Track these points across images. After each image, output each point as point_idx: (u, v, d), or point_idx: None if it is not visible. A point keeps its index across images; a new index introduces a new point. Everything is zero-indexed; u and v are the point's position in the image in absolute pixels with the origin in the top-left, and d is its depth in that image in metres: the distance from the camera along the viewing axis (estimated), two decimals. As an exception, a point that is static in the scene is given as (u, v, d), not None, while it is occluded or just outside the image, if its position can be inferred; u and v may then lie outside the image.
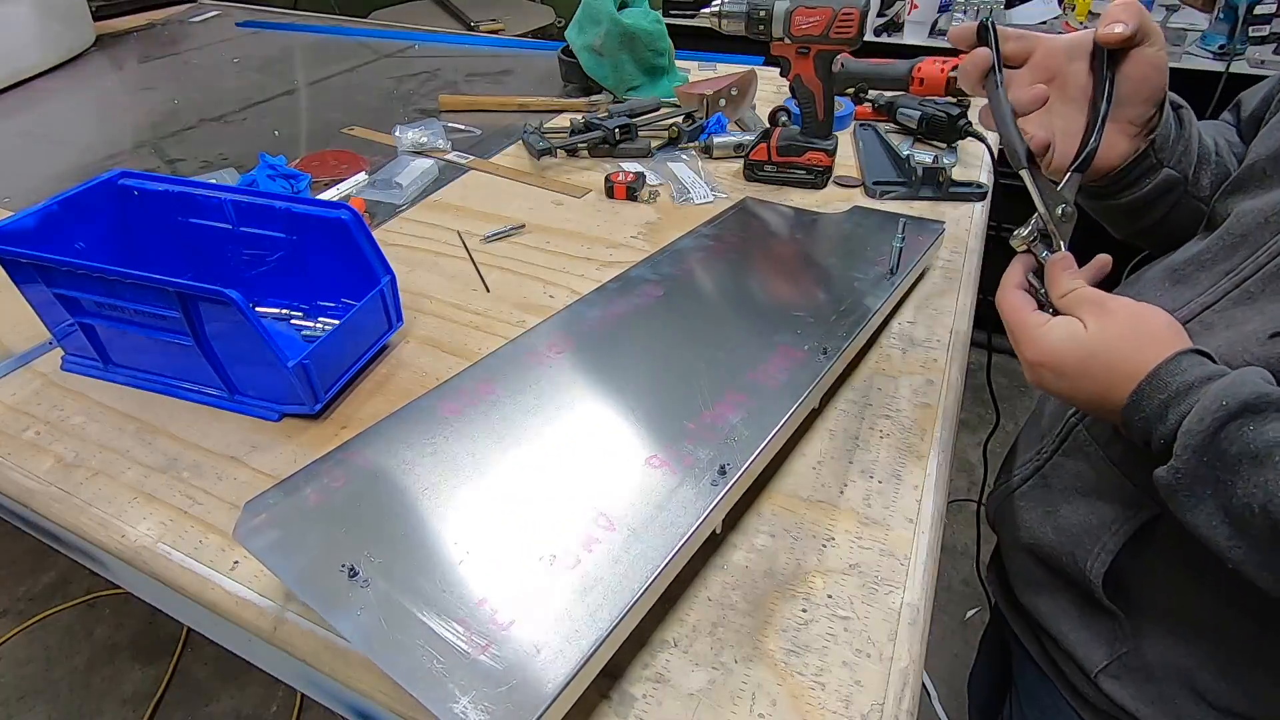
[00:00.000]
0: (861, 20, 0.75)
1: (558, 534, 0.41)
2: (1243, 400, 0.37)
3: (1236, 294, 0.45)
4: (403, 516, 0.42)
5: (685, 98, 1.03)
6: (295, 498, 0.43)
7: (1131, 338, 0.42)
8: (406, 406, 0.50)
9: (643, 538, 0.40)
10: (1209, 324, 0.46)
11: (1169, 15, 1.76)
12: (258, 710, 1.33)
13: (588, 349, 0.56)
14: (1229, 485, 0.37)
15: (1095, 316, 0.43)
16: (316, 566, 0.39)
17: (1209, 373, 0.40)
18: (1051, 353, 0.45)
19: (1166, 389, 0.40)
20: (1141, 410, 0.41)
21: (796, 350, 0.55)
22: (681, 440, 0.47)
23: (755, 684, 0.39)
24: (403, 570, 0.39)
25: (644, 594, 0.38)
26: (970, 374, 0.65)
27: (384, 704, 0.40)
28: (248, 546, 0.40)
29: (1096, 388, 0.43)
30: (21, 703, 1.33)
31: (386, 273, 0.60)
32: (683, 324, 0.59)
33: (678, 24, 1.96)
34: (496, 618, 0.36)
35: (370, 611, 0.36)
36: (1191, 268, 0.50)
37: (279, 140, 1.07)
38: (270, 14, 1.73)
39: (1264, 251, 0.45)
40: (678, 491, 0.43)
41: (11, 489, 0.52)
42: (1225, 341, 0.43)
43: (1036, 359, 0.45)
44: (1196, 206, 0.54)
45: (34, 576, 1.55)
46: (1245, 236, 0.46)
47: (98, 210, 0.63)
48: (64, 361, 0.62)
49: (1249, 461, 0.36)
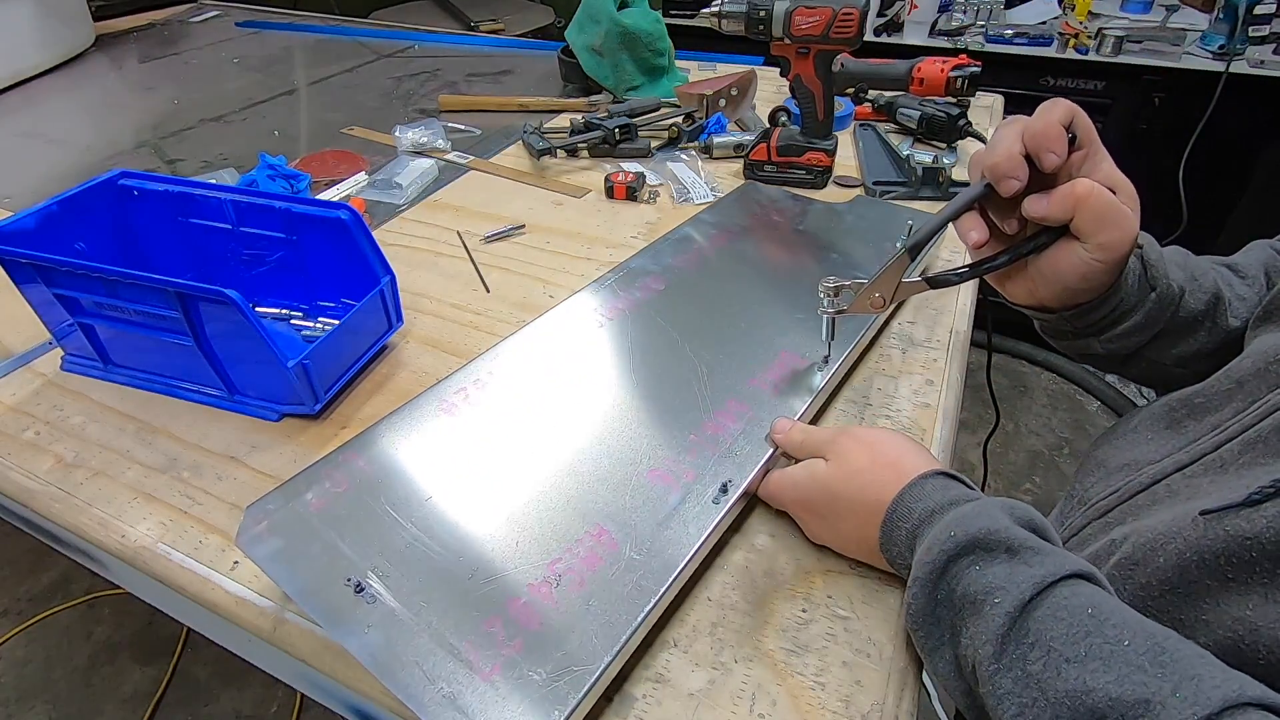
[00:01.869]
0: (861, 20, 0.75)
1: (562, 551, 0.40)
2: (972, 535, 0.34)
3: (1211, 459, 0.39)
4: (406, 527, 0.42)
5: (685, 98, 1.03)
6: (297, 503, 0.43)
7: (871, 468, 0.40)
8: (405, 408, 0.50)
9: (646, 556, 0.40)
10: (1175, 490, 0.40)
11: (1169, 15, 1.76)
12: (258, 710, 1.32)
13: (589, 349, 0.56)
14: (958, 631, 0.33)
15: (833, 452, 0.42)
16: (321, 579, 0.39)
17: (953, 496, 0.37)
18: (795, 488, 0.43)
19: (910, 516, 0.37)
20: (894, 543, 0.38)
21: (798, 358, 0.55)
22: (684, 453, 0.46)
23: (755, 684, 0.39)
24: (408, 586, 0.38)
25: (648, 615, 0.38)
26: (970, 374, 0.65)
27: (384, 704, 0.40)
28: (250, 555, 0.40)
29: (852, 527, 0.41)
30: (21, 703, 1.33)
31: (386, 273, 0.60)
32: (684, 323, 0.59)
33: (678, 24, 1.96)
34: (504, 639, 0.36)
35: (377, 630, 0.36)
36: (1185, 412, 0.45)
37: (279, 140, 1.07)
38: (270, 14, 1.73)
39: (1251, 411, 0.39)
40: (680, 509, 0.43)
41: (11, 489, 0.52)
42: (1170, 517, 0.37)
43: (788, 499, 0.44)
44: (1168, 368, 0.49)
45: (34, 576, 1.55)
46: (1242, 384, 0.41)
47: (98, 210, 0.63)
48: (64, 361, 0.62)
49: (970, 606, 0.33)
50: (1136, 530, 0.38)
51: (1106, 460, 0.47)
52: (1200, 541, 0.34)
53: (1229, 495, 0.34)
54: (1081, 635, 0.29)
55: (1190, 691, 0.27)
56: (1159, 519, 0.37)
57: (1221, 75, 1.51)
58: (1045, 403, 2.00)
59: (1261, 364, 0.40)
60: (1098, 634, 0.29)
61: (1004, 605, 0.31)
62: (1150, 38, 1.65)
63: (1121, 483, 0.43)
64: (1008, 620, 0.31)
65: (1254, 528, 0.32)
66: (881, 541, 0.39)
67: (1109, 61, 1.67)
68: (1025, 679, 0.30)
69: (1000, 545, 0.33)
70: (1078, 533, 0.44)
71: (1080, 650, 0.29)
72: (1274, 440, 0.36)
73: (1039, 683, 0.29)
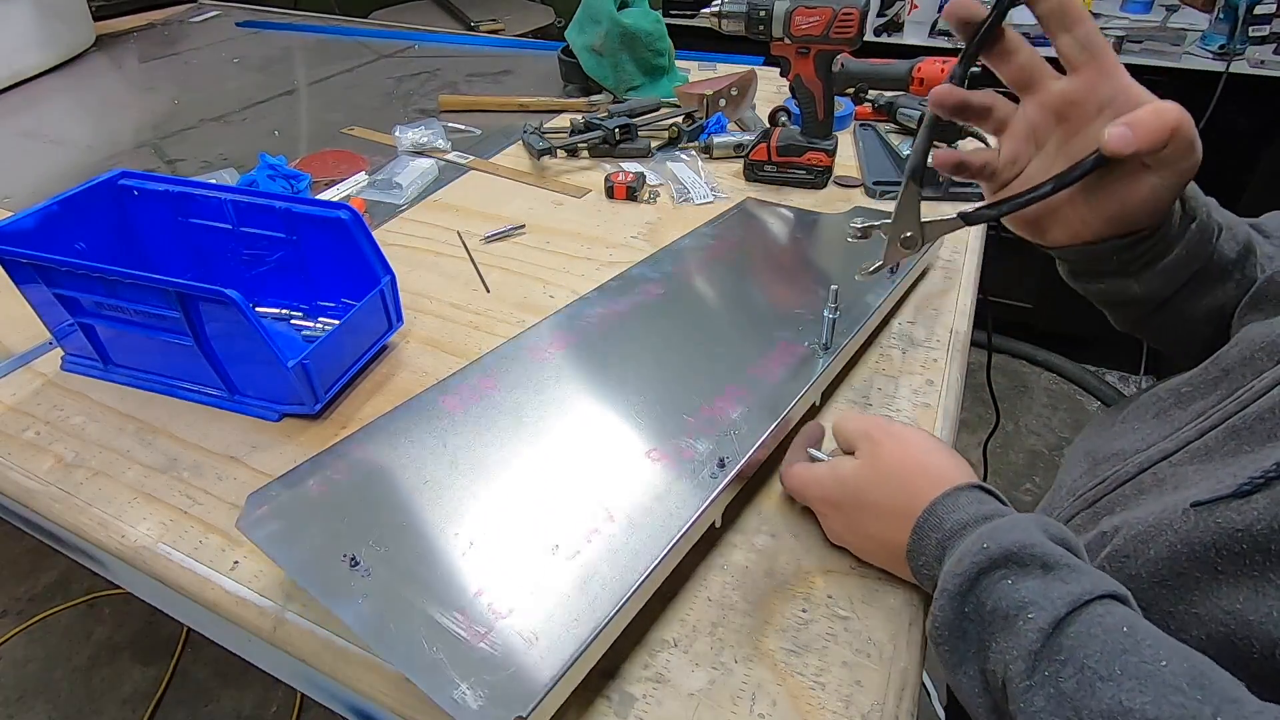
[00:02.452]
0: (861, 20, 0.75)
1: (558, 525, 0.41)
2: (1005, 547, 0.33)
3: (1196, 446, 0.38)
4: (404, 508, 0.42)
5: (685, 98, 1.03)
6: (298, 489, 0.43)
7: (903, 472, 0.39)
8: (408, 402, 0.50)
9: (642, 529, 0.41)
10: (1161, 478, 0.39)
11: (1169, 15, 1.76)
12: (258, 710, 1.33)
13: (588, 346, 0.56)
14: (986, 646, 0.32)
15: (864, 449, 0.41)
16: (318, 556, 0.39)
17: (987, 511, 0.36)
18: (820, 484, 0.42)
19: (941, 528, 0.36)
20: (922, 553, 0.37)
21: (797, 346, 0.55)
22: (681, 434, 0.47)
23: (755, 684, 0.39)
24: (404, 560, 0.39)
25: (642, 584, 0.38)
26: (970, 374, 0.65)
27: (384, 704, 0.40)
28: (250, 536, 0.41)
29: (877, 530, 0.40)
30: (21, 703, 1.33)
31: (386, 273, 0.60)
32: (683, 320, 0.59)
33: (678, 24, 1.96)
34: (495, 606, 0.36)
35: (371, 600, 0.37)
36: (1172, 401, 0.44)
37: (279, 140, 1.07)
38: (270, 14, 1.73)
39: (1234, 398, 0.38)
40: (677, 484, 0.43)
41: (11, 489, 0.52)
42: (1160, 508, 0.36)
43: (813, 495, 0.43)
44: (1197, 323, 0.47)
45: (34, 576, 1.55)
46: (1228, 372, 0.40)
47: (98, 210, 0.63)
48: (64, 361, 0.62)
49: (1001, 621, 0.32)
50: (1126, 522, 0.38)
51: (1094, 450, 0.47)
52: (1191, 534, 0.33)
53: (1217, 486, 0.33)
54: (1117, 654, 0.29)
55: (1232, 714, 0.26)
56: (1148, 510, 0.37)
57: (1221, 75, 1.51)
58: (1045, 403, 2.01)
59: (1248, 352, 0.39)
60: (1134, 653, 0.29)
61: (1038, 621, 0.30)
62: (1150, 38, 1.65)
63: (1108, 472, 0.43)
64: (1041, 636, 0.30)
65: (1244, 519, 0.31)
66: (910, 549, 0.38)
67: (1109, 61, 1.66)
68: (1059, 697, 0.29)
69: (1035, 560, 0.32)
70: (1066, 523, 0.44)
71: (1116, 669, 0.28)
72: (1258, 427, 0.35)
73: (1073, 701, 0.28)
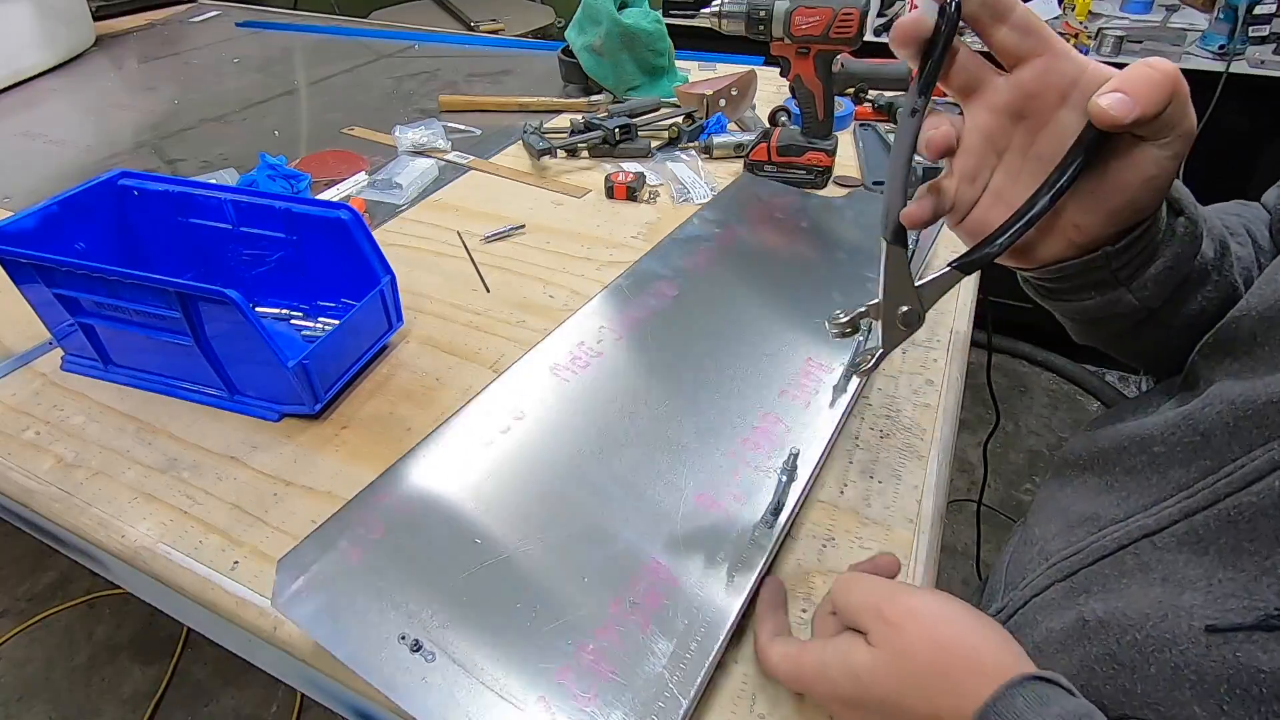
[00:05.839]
0: (861, 20, 0.75)
1: (622, 588, 0.39)
2: None
3: (1184, 528, 0.34)
4: (454, 572, 0.40)
5: (685, 98, 1.03)
6: (333, 554, 0.41)
7: (935, 666, 0.31)
8: (429, 439, 0.48)
9: (707, 591, 0.40)
10: (1145, 562, 0.35)
11: (1169, 15, 1.76)
12: (258, 710, 1.32)
13: (612, 365, 0.55)
14: None
15: (879, 634, 0.32)
16: (372, 639, 0.37)
17: (1054, 713, 0.29)
18: (827, 680, 0.34)
19: None
20: None
21: (825, 366, 0.54)
22: (727, 473, 0.46)
23: (755, 684, 0.39)
24: (468, 637, 0.37)
25: (721, 648, 0.37)
26: (970, 374, 0.65)
27: (384, 704, 0.40)
28: (292, 617, 0.38)
29: None
30: (21, 703, 1.33)
31: (386, 273, 0.60)
32: (703, 332, 0.58)
33: (678, 24, 1.95)
34: (578, 691, 0.35)
35: (441, 690, 0.35)
36: (1144, 460, 0.39)
37: (279, 140, 1.07)
38: (270, 14, 1.73)
39: (1223, 477, 0.33)
40: (733, 536, 0.42)
41: (11, 489, 0.52)
42: (1157, 609, 0.33)
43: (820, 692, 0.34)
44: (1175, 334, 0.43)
45: (34, 576, 1.55)
46: (1209, 439, 0.35)
47: (98, 210, 0.63)
48: (64, 361, 0.62)
49: None
50: (1112, 615, 0.35)
51: (1067, 508, 0.44)
52: (1203, 662, 0.30)
53: (1225, 601, 0.30)
54: None
55: None
56: (1137, 605, 0.34)
57: (1221, 75, 1.51)
58: (1045, 403, 2.00)
59: (1230, 418, 0.35)
60: None
61: None
62: (1150, 38, 1.65)
63: (1084, 541, 0.40)
64: None
65: (1273, 661, 0.28)
66: None
67: (1109, 61, 1.64)
68: None
69: None
70: (1041, 593, 0.40)
71: None
72: (1262, 524, 0.31)
73: None
